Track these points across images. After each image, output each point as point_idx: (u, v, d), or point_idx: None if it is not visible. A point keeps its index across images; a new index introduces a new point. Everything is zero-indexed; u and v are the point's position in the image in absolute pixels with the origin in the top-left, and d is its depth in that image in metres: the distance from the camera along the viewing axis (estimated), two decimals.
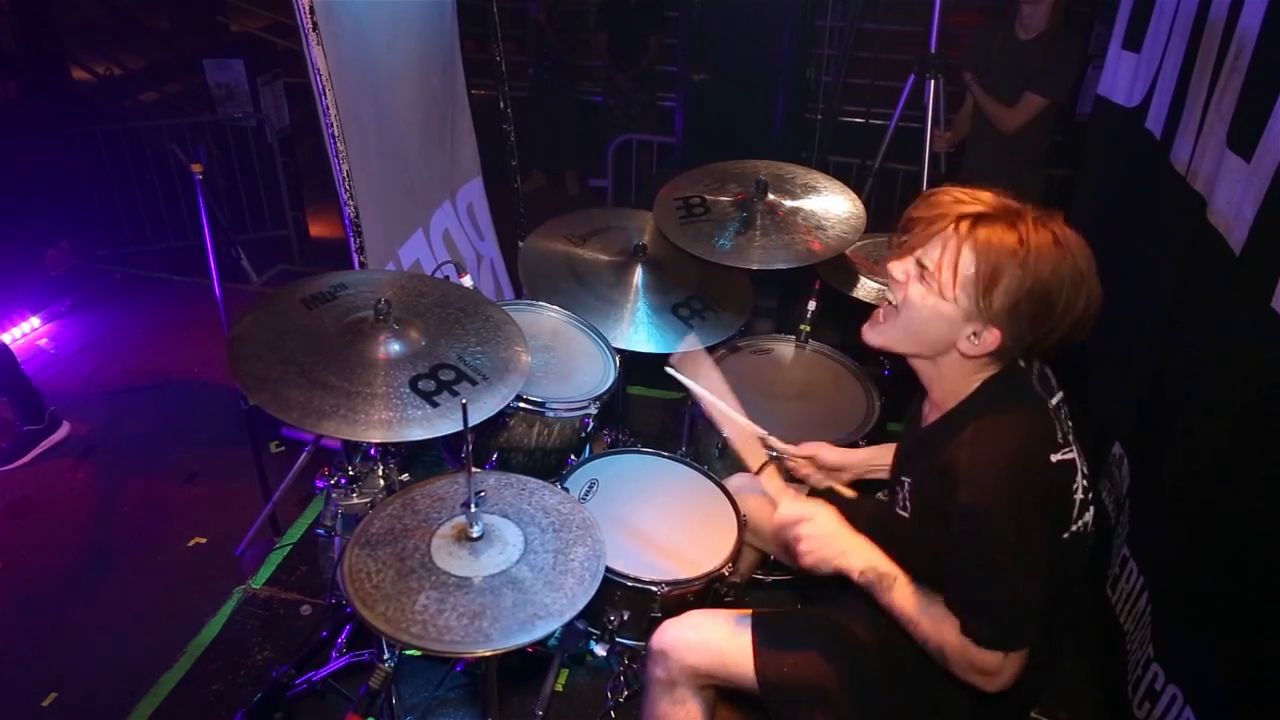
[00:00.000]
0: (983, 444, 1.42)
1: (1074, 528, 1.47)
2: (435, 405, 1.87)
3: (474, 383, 1.96)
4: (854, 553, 1.57)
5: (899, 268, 1.51)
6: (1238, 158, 1.99)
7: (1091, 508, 1.51)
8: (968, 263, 1.41)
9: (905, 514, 1.65)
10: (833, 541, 1.58)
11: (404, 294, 2.17)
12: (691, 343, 2.05)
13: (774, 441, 1.97)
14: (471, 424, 1.68)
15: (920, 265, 1.47)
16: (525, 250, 2.88)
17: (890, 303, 1.55)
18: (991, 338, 1.43)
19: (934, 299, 1.46)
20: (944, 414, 1.55)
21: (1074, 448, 1.47)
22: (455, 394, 1.91)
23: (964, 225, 1.42)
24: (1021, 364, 1.52)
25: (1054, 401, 1.53)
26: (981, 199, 1.45)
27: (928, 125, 3.44)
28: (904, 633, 1.54)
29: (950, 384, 1.54)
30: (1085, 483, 1.48)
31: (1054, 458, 1.42)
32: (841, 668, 1.68)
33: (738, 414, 1.87)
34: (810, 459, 2.01)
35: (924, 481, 1.57)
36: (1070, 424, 1.54)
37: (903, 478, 1.67)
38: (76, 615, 2.78)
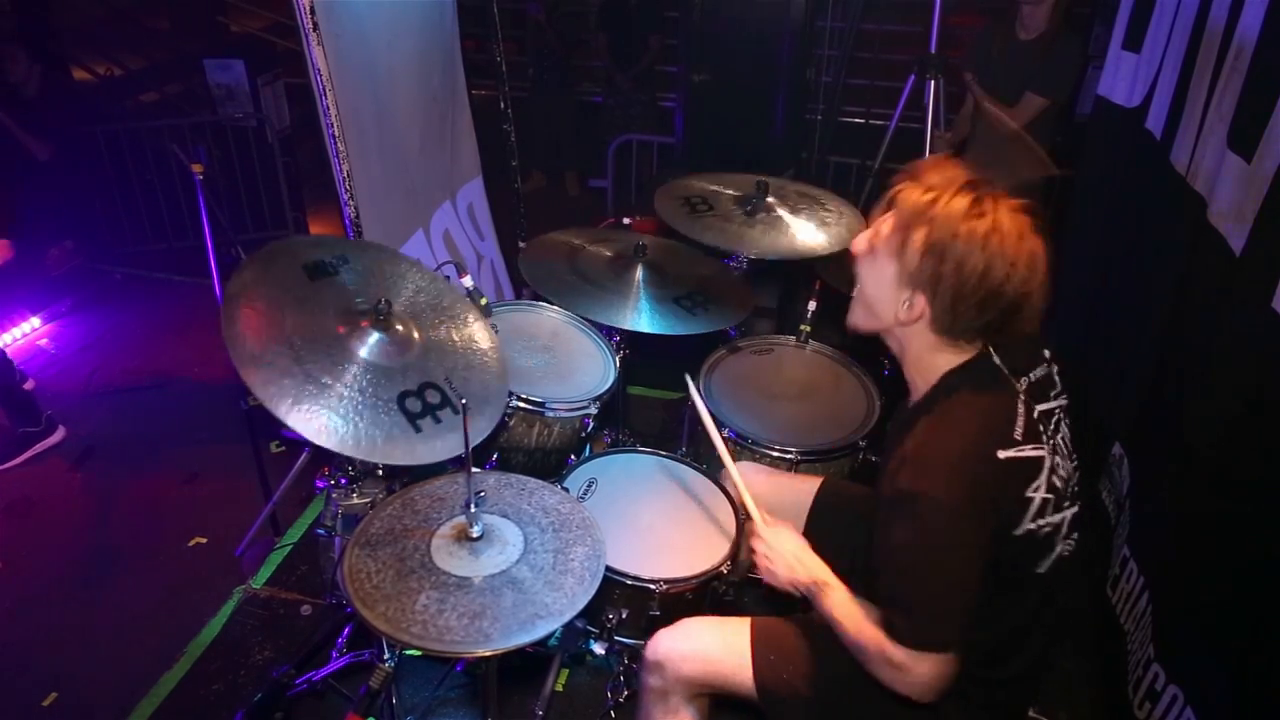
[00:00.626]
0: (932, 434, 1.43)
1: (1029, 526, 1.44)
2: (418, 430, 1.86)
3: (456, 412, 1.93)
4: (803, 568, 1.65)
5: (859, 241, 1.56)
6: (1238, 158, 1.99)
7: (1067, 510, 1.48)
8: (889, 223, 1.47)
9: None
10: (786, 559, 1.67)
11: (403, 288, 2.16)
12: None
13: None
14: (443, 458, 1.70)
15: (877, 234, 1.52)
16: (526, 252, 2.89)
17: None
18: (919, 303, 1.44)
19: (875, 266, 1.51)
20: (915, 401, 1.56)
21: (1043, 447, 1.44)
22: (439, 422, 1.90)
23: (897, 192, 1.47)
24: (996, 360, 1.49)
25: (1046, 406, 1.50)
26: (933, 172, 1.46)
27: (928, 126, 3.44)
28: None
29: (917, 368, 1.54)
30: (1059, 485, 1.46)
31: (1001, 454, 1.40)
32: (840, 673, 1.67)
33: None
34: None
35: (886, 467, 1.57)
36: (1058, 427, 1.52)
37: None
38: (77, 615, 2.78)
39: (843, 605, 1.56)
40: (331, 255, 2.10)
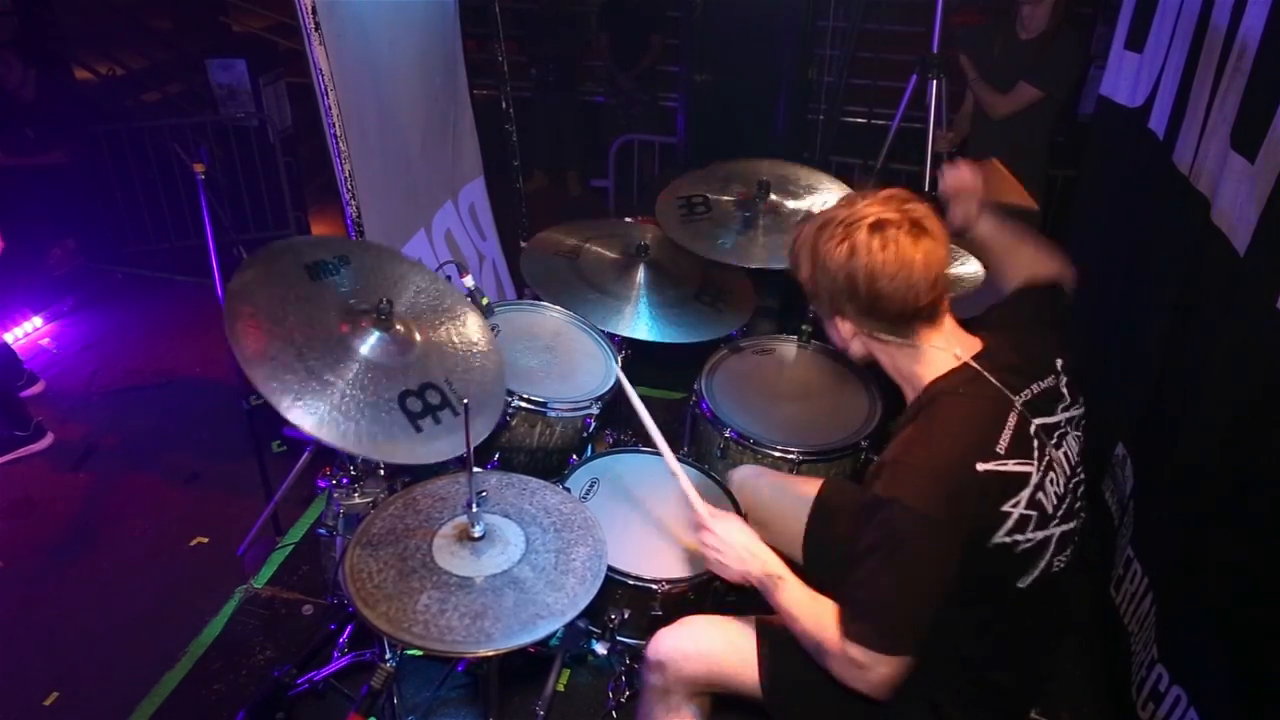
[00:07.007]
0: (912, 444, 1.43)
1: (1003, 540, 1.43)
2: (419, 430, 1.87)
3: (456, 414, 1.95)
4: (752, 561, 1.65)
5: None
6: (1241, 158, 1.98)
7: (1055, 528, 1.47)
8: (791, 264, 1.61)
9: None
10: (736, 550, 1.67)
11: (404, 289, 2.16)
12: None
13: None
14: (444, 459, 1.71)
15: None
16: (528, 250, 2.89)
17: None
18: (844, 325, 1.55)
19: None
20: (906, 409, 1.58)
21: (1031, 463, 1.43)
22: (439, 423, 1.90)
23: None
24: (984, 371, 1.48)
25: (1050, 419, 1.49)
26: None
27: (929, 126, 3.44)
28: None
29: (901, 379, 1.58)
30: (1044, 502, 1.45)
31: (980, 467, 1.39)
32: None
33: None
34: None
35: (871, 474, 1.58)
36: (1062, 442, 1.50)
37: None
38: (78, 615, 2.78)
39: (799, 599, 1.56)
40: (333, 255, 2.11)
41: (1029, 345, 1.57)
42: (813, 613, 1.52)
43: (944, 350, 1.51)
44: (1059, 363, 1.57)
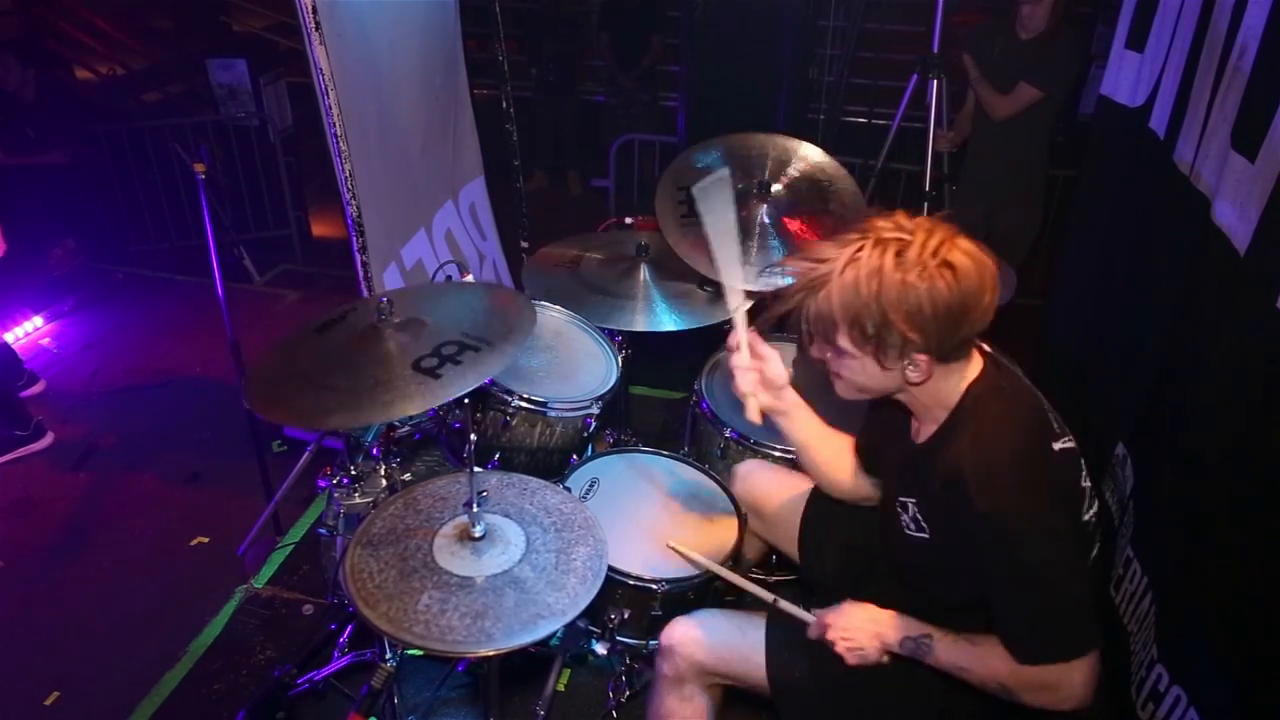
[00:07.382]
0: (983, 447, 1.40)
1: (1086, 516, 1.46)
2: (437, 377, 1.82)
3: (477, 350, 1.89)
4: (888, 630, 1.56)
5: (816, 351, 1.52)
6: (1242, 158, 1.98)
7: (1096, 502, 1.51)
8: (841, 329, 1.40)
9: (924, 535, 1.56)
10: (866, 630, 1.58)
11: (409, 297, 2.17)
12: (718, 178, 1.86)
13: (738, 318, 1.79)
14: (480, 382, 1.68)
15: (827, 343, 1.47)
16: (528, 270, 2.89)
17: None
18: (920, 360, 1.39)
19: (850, 363, 1.46)
20: (939, 426, 1.51)
21: (1072, 439, 1.46)
22: (459, 364, 1.85)
23: (813, 303, 1.41)
24: (1006, 361, 1.50)
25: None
26: (816, 263, 1.41)
27: (930, 125, 3.44)
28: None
29: (934, 400, 1.50)
30: (1087, 476, 1.48)
31: (1056, 446, 1.42)
32: (852, 671, 1.67)
33: (734, 261, 1.78)
34: (760, 361, 1.79)
35: (933, 499, 1.52)
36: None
37: (903, 499, 1.60)
38: (79, 614, 2.78)
39: (959, 649, 1.50)
40: (337, 313, 2.10)
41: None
42: (979, 658, 1.47)
43: (975, 347, 1.49)
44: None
